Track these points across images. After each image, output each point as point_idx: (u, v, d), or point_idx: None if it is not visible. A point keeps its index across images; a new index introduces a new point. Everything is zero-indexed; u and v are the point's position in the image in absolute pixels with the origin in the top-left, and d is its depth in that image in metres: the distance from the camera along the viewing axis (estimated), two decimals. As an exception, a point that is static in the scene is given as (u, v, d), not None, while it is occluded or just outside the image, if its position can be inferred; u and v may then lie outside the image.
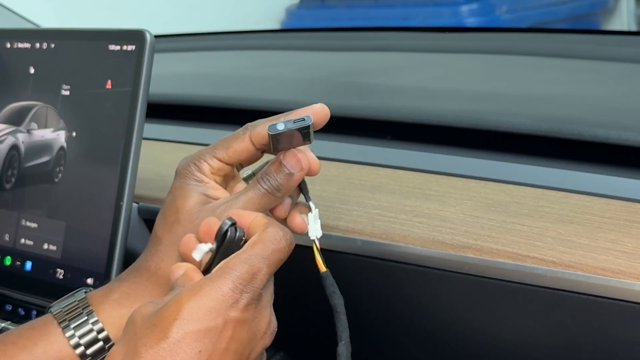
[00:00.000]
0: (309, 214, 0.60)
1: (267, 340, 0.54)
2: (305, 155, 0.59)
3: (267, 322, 0.53)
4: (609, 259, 0.61)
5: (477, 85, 1.05)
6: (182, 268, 0.55)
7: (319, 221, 0.60)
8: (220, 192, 0.60)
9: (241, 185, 0.63)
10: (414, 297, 0.70)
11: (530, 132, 0.80)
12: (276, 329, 0.54)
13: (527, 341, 0.66)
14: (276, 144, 0.58)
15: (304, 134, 0.57)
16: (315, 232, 0.60)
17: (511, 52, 1.23)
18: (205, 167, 0.60)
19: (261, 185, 0.58)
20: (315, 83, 1.16)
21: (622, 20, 3.89)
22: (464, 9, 3.41)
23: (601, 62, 1.13)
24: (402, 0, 3.57)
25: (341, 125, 0.87)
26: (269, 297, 0.54)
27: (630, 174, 0.72)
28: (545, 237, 0.65)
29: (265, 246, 0.53)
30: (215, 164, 0.60)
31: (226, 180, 0.62)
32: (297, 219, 0.60)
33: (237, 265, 0.52)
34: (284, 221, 0.62)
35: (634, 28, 3.94)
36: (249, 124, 0.61)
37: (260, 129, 0.59)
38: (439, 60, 1.27)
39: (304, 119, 0.57)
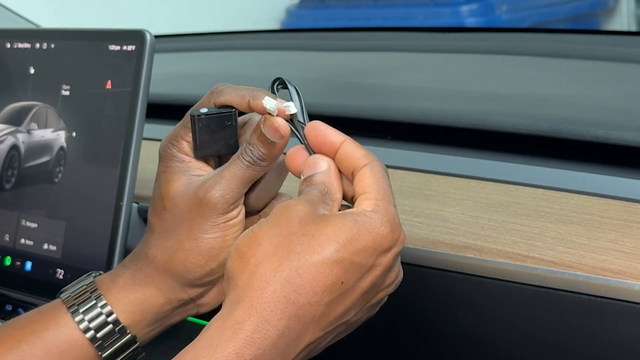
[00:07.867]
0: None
1: (391, 289, 0.54)
2: (283, 122, 0.56)
3: (397, 272, 0.54)
4: (609, 259, 0.61)
5: (477, 85, 1.05)
6: (324, 162, 0.56)
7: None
8: (205, 169, 0.59)
9: None
10: (414, 296, 0.70)
11: (530, 132, 0.80)
12: (401, 282, 0.55)
13: (526, 341, 0.66)
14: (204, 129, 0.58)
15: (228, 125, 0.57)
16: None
17: (511, 52, 1.23)
18: (184, 145, 0.59)
19: (244, 159, 0.57)
20: (316, 83, 1.16)
21: (622, 20, 3.90)
22: (464, 9, 3.41)
23: (601, 62, 1.13)
24: (402, 0, 3.57)
25: (341, 125, 0.87)
26: None
27: (630, 174, 0.72)
28: (545, 237, 0.65)
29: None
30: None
31: None
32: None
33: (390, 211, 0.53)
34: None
35: (634, 28, 3.95)
36: (214, 88, 0.60)
37: (224, 98, 0.59)
38: (439, 60, 1.27)
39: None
